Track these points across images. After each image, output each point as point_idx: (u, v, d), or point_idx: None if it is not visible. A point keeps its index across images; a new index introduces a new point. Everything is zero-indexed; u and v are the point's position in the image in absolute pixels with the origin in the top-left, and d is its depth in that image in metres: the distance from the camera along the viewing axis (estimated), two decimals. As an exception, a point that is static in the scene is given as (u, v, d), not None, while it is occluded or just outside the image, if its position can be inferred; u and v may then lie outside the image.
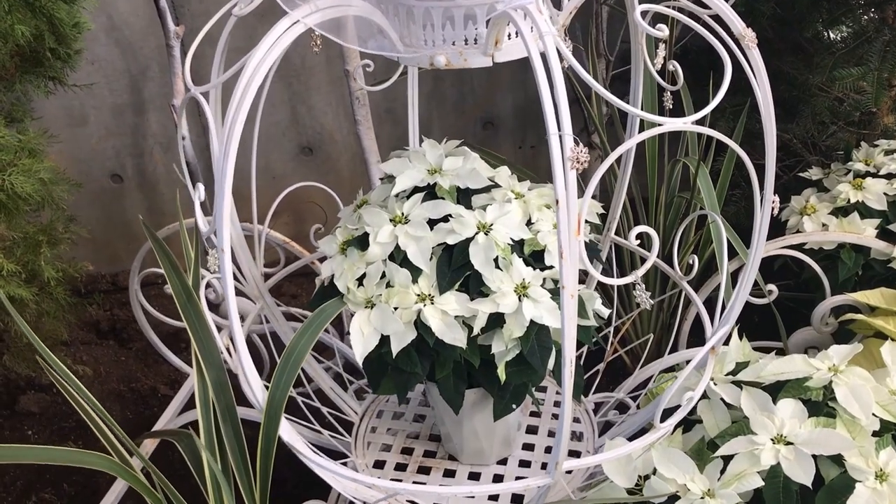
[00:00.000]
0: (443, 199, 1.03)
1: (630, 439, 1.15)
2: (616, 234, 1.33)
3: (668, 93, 1.07)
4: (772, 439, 0.95)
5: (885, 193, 1.41)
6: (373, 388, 1.07)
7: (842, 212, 1.42)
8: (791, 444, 0.94)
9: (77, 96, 1.78)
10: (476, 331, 0.98)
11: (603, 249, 1.36)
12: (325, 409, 1.25)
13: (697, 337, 1.36)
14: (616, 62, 1.73)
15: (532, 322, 0.97)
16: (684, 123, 0.77)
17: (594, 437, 1.25)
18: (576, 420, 1.28)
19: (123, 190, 2.03)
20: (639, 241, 1.21)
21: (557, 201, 0.74)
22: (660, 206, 1.54)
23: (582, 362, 1.29)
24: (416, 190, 1.05)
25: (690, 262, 1.23)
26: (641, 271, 0.80)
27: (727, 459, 0.96)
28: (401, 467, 1.21)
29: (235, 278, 1.27)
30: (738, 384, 1.05)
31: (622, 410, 1.34)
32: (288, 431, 0.97)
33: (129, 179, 2.03)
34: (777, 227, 1.52)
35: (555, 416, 1.29)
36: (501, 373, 1.01)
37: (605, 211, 1.23)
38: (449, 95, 2.04)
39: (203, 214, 0.94)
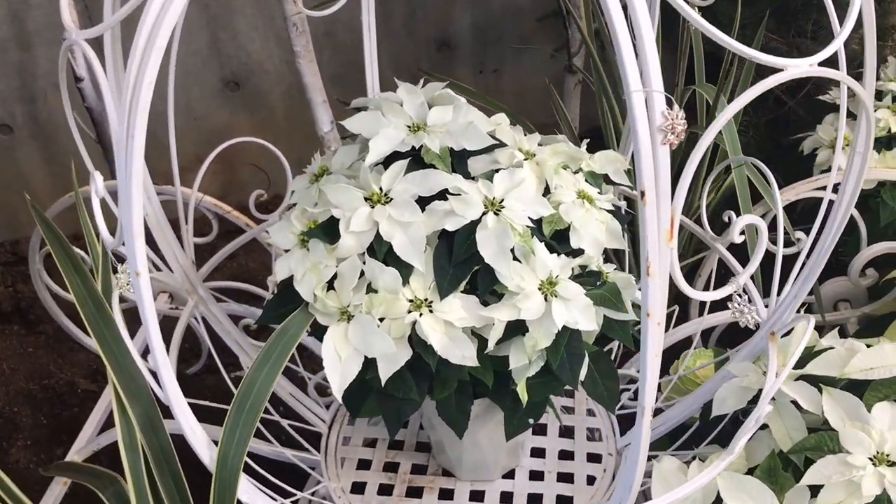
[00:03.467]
0: (432, 166, 0.77)
1: (674, 440, 0.95)
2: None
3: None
4: (870, 459, 0.75)
5: (930, 119, 1.20)
6: (351, 414, 0.83)
7: (883, 143, 1.21)
8: (896, 464, 0.74)
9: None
10: (491, 345, 0.74)
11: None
12: (284, 423, 1.01)
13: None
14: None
15: (563, 327, 0.74)
16: (809, 66, 0.53)
17: (615, 434, 1.03)
18: (590, 413, 1.06)
19: (14, 141, 1.70)
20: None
21: (643, 193, 0.49)
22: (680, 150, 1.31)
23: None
24: (394, 155, 0.78)
25: (726, 218, 1.01)
26: (744, 277, 0.57)
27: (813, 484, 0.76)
28: (385, 490, 0.99)
29: (156, 266, 1.00)
30: (809, 380, 0.84)
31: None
32: (249, 492, 0.73)
33: (19, 129, 1.69)
34: (800, 163, 1.31)
35: (565, 409, 1.08)
36: (522, 392, 0.78)
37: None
38: (396, 13, 1.75)
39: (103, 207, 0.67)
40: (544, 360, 0.77)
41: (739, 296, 0.57)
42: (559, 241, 0.77)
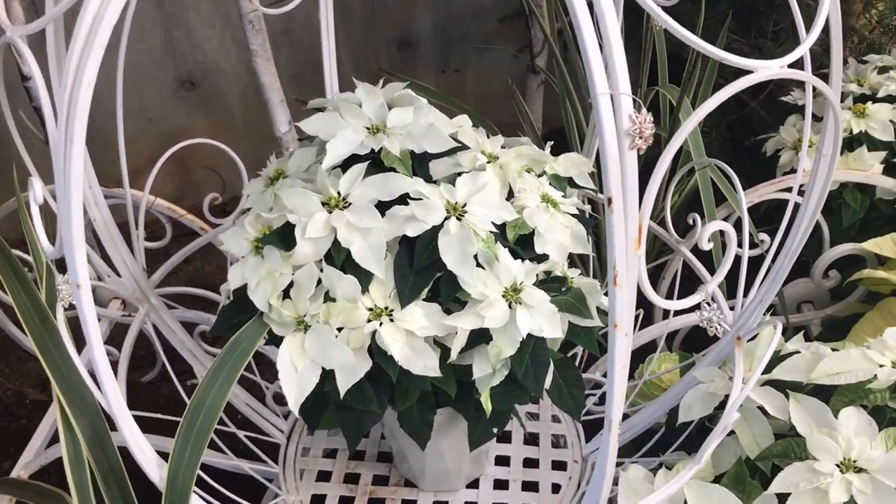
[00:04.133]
0: (392, 169, 0.74)
1: (640, 446, 0.93)
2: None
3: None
4: (837, 465, 0.74)
5: (890, 121, 1.20)
6: (310, 427, 0.80)
7: (845, 145, 1.21)
8: (863, 470, 0.73)
9: None
10: (454, 355, 0.71)
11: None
12: (241, 434, 0.97)
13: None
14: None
15: (528, 335, 0.72)
16: (780, 68, 0.51)
17: (580, 440, 1.02)
18: (555, 419, 1.05)
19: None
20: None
21: (611, 200, 0.47)
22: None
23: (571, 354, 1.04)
24: (353, 158, 0.76)
25: (691, 221, 1.00)
26: (712, 285, 0.55)
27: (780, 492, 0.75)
28: (346, 502, 0.96)
29: (107, 273, 0.96)
30: (776, 385, 0.83)
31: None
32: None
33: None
34: (763, 164, 1.31)
35: (530, 415, 1.06)
36: (486, 402, 0.75)
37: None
38: (356, 11, 1.72)
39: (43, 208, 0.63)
40: (508, 369, 0.74)
41: (708, 304, 0.55)
42: (523, 246, 0.75)
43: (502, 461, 1.00)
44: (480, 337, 0.72)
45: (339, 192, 0.73)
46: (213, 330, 0.76)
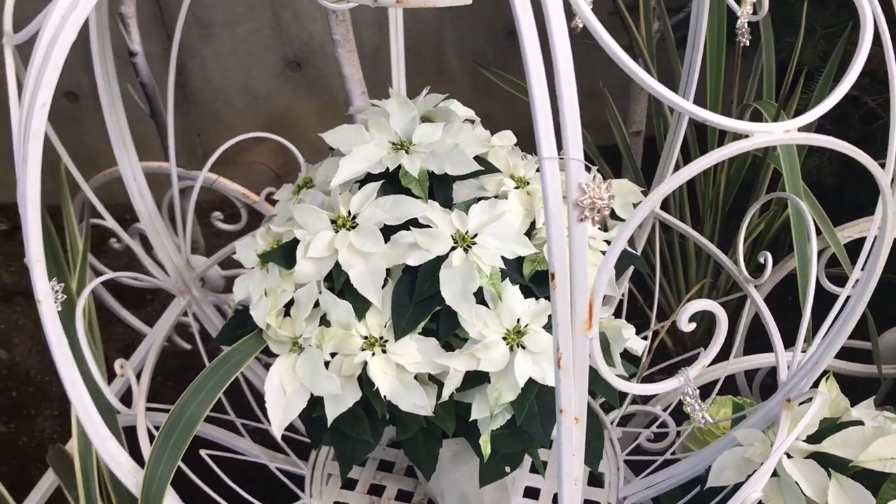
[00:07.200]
0: (409, 190, 0.71)
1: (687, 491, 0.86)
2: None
3: (745, 24, 0.74)
4: (875, 567, 0.65)
5: None
6: (313, 442, 0.79)
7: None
8: (902, 576, 0.64)
9: None
10: (446, 395, 0.68)
11: (644, 229, 1.03)
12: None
13: (757, 342, 1.05)
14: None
15: (531, 379, 0.67)
16: (785, 132, 0.44)
17: (619, 480, 0.95)
18: (596, 454, 0.99)
19: (79, 110, 1.73)
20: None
21: (553, 275, 0.42)
22: (720, 165, 1.20)
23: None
24: (370, 177, 0.72)
25: (762, 259, 0.90)
26: (694, 371, 0.49)
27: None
28: (366, 513, 0.94)
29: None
30: (822, 459, 0.74)
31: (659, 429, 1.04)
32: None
33: (85, 98, 1.72)
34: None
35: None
36: (486, 445, 0.71)
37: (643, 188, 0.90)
38: (465, -3, 1.67)
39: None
40: (512, 413, 0.70)
41: (688, 395, 0.49)
42: (539, 283, 0.70)
43: (531, 493, 0.95)
44: (481, 377, 0.68)
45: (349, 212, 0.70)
46: (216, 340, 0.75)
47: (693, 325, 0.47)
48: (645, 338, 1.02)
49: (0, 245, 1.74)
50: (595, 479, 0.97)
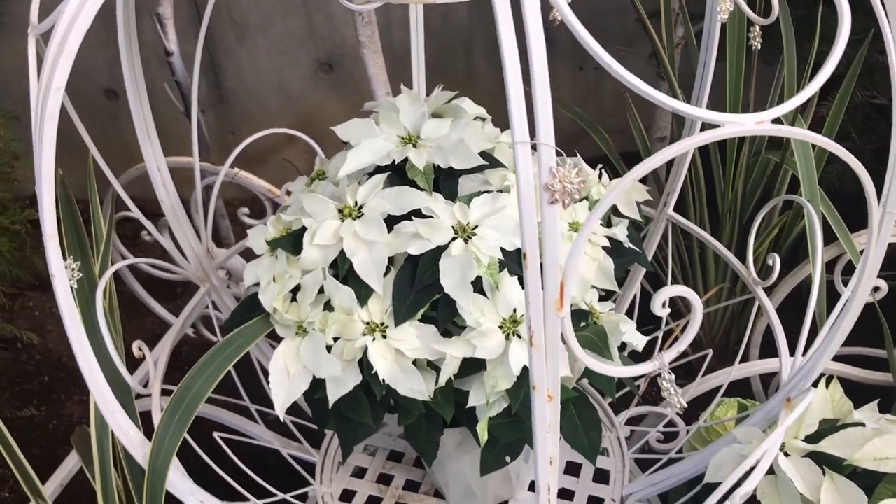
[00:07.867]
0: (414, 182, 0.73)
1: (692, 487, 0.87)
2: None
3: (756, 28, 0.76)
4: (862, 564, 0.65)
5: None
6: (317, 424, 0.81)
7: None
8: (891, 575, 0.64)
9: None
10: (442, 381, 0.69)
11: (657, 229, 1.04)
12: (287, 419, 1.00)
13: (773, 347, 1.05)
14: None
15: (526, 368, 0.69)
16: (757, 123, 0.45)
17: (624, 477, 0.96)
18: (604, 452, 1.00)
19: (119, 108, 1.78)
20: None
21: (526, 255, 0.44)
22: (739, 169, 1.20)
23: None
24: (378, 168, 0.75)
25: (770, 261, 0.91)
26: (669, 355, 0.50)
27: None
28: (374, 501, 0.96)
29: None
30: (819, 459, 0.75)
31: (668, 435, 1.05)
32: (179, 483, 0.71)
33: (124, 95, 1.77)
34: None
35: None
36: (482, 432, 0.73)
37: (649, 188, 0.91)
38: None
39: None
40: (508, 402, 0.71)
41: (664, 378, 0.50)
42: (539, 275, 0.71)
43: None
44: (478, 365, 0.70)
45: (355, 202, 0.72)
46: (226, 324, 0.78)
47: (667, 311, 0.48)
48: (656, 338, 1.03)
49: (35, 235, 1.80)
50: (602, 477, 0.98)
